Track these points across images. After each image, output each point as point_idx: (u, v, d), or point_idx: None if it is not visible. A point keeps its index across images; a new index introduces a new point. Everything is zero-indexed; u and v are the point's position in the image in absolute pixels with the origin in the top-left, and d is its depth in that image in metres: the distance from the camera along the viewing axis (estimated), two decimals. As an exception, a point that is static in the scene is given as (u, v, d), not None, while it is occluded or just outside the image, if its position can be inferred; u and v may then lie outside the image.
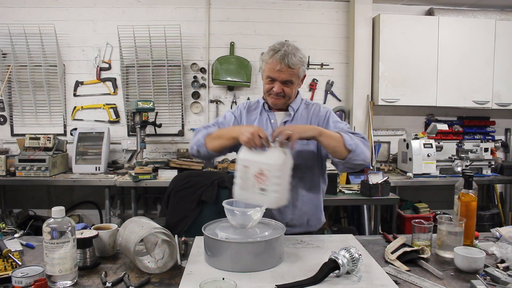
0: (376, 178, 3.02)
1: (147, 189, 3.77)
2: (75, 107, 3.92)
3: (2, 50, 3.75)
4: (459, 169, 3.51)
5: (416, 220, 1.49)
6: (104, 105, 3.94)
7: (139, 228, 1.27)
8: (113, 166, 3.73)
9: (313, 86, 4.09)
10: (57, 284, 1.14)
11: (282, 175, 1.39)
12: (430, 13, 4.12)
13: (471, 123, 4.24)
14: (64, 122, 3.93)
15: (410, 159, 3.59)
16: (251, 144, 1.42)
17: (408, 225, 3.46)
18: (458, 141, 3.76)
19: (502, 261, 1.32)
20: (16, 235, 1.61)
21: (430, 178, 3.57)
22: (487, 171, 3.72)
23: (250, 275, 1.21)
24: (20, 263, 1.28)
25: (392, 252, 1.37)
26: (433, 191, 4.06)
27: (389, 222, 3.77)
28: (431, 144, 3.59)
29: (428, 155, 3.55)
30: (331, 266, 1.18)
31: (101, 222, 3.79)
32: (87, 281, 1.19)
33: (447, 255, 1.40)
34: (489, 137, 4.22)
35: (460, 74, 3.87)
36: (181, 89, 3.91)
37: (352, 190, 3.19)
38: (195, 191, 2.08)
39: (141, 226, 1.28)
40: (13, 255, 1.31)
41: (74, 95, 3.92)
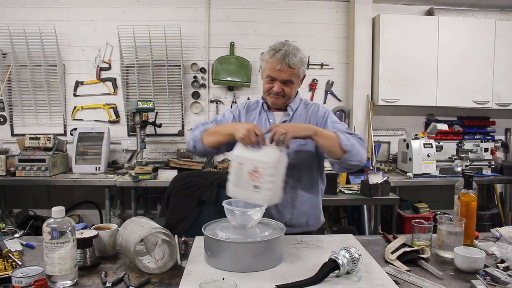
0: (376, 178, 3.02)
1: (147, 189, 3.77)
2: (75, 107, 3.93)
3: (2, 50, 3.75)
4: (459, 169, 3.51)
5: (416, 220, 1.49)
6: (104, 105, 3.94)
7: (139, 228, 1.27)
8: (113, 166, 3.73)
9: (313, 86, 4.09)
10: (57, 284, 1.14)
11: (276, 173, 1.39)
12: (430, 13, 4.12)
13: (471, 123, 4.24)
14: (64, 122, 3.93)
15: (410, 159, 3.59)
16: (246, 141, 1.41)
17: (408, 225, 3.46)
18: (458, 141, 3.76)
19: (502, 261, 1.32)
20: (16, 235, 1.61)
21: (430, 178, 3.57)
22: (487, 171, 3.72)
23: (250, 275, 1.21)
24: (20, 263, 1.28)
25: (392, 252, 1.37)
26: (433, 191, 4.05)
27: (389, 222, 3.77)
28: (431, 144, 3.59)
29: (428, 155, 3.55)
30: (331, 266, 1.18)
31: (101, 222, 3.79)
32: (87, 281, 1.19)
33: (447, 255, 1.40)
34: (489, 137, 4.22)
35: (460, 74, 3.87)
36: (181, 89, 3.91)
37: (352, 190, 3.19)
38: (195, 191, 2.08)
39: (141, 226, 1.28)
40: (13, 255, 1.31)
41: (74, 95, 3.92)
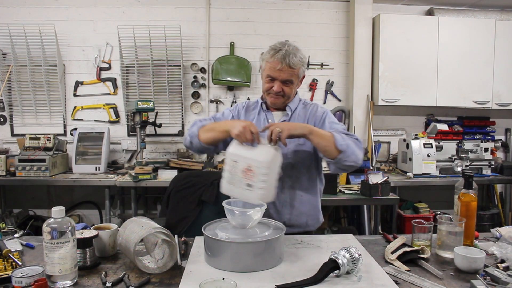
0: (376, 178, 3.02)
1: (147, 189, 3.77)
2: (75, 107, 3.93)
3: (2, 50, 3.75)
4: (459, 169, 3.51)
5: (416, 220, 1.49)
6: (104, 105, 3.94)
7: (139, 228, 1.27)
8: (113, 166, 3.73)
9: (313, 86, 4.09)
10: (57, 284, 1.14)
11: (270, 172, 1.38)
12: (430, 13, 4.12)
13: (471, 123, 4.24)
14: (64, 122, 3.93)
15: (410, 159, 3.59)
16: (242, 138, 1.41)
17: (408, 225, 3.46)
18: (458, 141, 3.76)
19: (502, 261, 1.32)
20: (16, 235, 1.61)
21: (430, 178, 3.57)
22: (487, 171, 3.72)
23: (250, 275, 1.21)
24: (20, 263, 1.28)
25: (392, 252, 1.37)
26: (433, 191, 4.05)
27: (389, 222, 3.77)
28: (431, 144, 3.59)
29: (428, 155, 3.55)
30: (331, 266, 1.18)
31: (101, 222, 3.79)
32: (87, 281, 1.19)
33: (447, 255, 1.40)
34: (489, 137, 4.22)
35: (460, 74, 3.87)
36: (181, 89, 3.91)
37: (352, 190, 3.19)
38: (195, 191, 2.08)
39: (141, 226, 1.28)
40: (13, 255, 1.31)
41: (74, 95, 3.92)
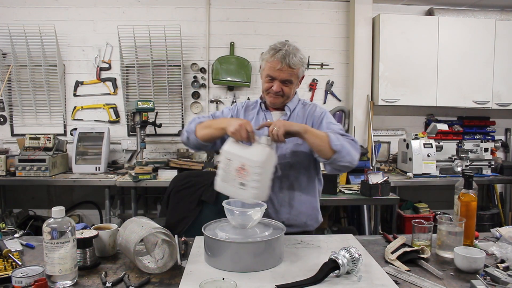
0: (376, 178, 3.02)
1: (147, 189, 3.77)
2: (75, 107, 3.92)
3: (2, 50, 3.75)
4: (459, 169, 3.51)
5: (416, 220, 1.49)
6: (104, 105, 3.94)
7: (139, 228, 1.27)
8: (113, 166, 3.73)
9: (313, 86, 4.09)
10: (57, 284, 1.14)
11: (263, 172, 1.38)
12: (430, 13, 4.12)
13: (471, 123, 4.24)
14: (64, 122, 3.93)
15: (410, 159, 3.59)
16: (237, 136, 1.42)
17: (408, 225, 3.46)
18: (458, 141, 3.76)
19: (502, 261, 1.32)
20: (16, 235, 1.61)
21: (430, 178, 3.57)
22: (487, 171, 3.72)
23: (250, 275, 1.21)
24: (20, 263, 1.28)
25: (392, 252, 1.37)
26: (433, 191, 4.05)
27: (389, 222, 3.77)
28: (431, 144, 3.59)
29: (428, 155, 3.55)
30: (331, 266, 1.18)
31: (101, 222, 3.79)
32: (87, 281, 1.19)
33: (447, 255, 1.40)
34: (489, 137, 4.22)
35: (460, 74, 3.87)
36: (181, 89, 3.91)
37: (352, 190, 3.19)
38: (195, 191, 2.08)
39: (141, 226, 1.28)
40: (13, 255, 1.31)
41: (74, 95, 3.92)
